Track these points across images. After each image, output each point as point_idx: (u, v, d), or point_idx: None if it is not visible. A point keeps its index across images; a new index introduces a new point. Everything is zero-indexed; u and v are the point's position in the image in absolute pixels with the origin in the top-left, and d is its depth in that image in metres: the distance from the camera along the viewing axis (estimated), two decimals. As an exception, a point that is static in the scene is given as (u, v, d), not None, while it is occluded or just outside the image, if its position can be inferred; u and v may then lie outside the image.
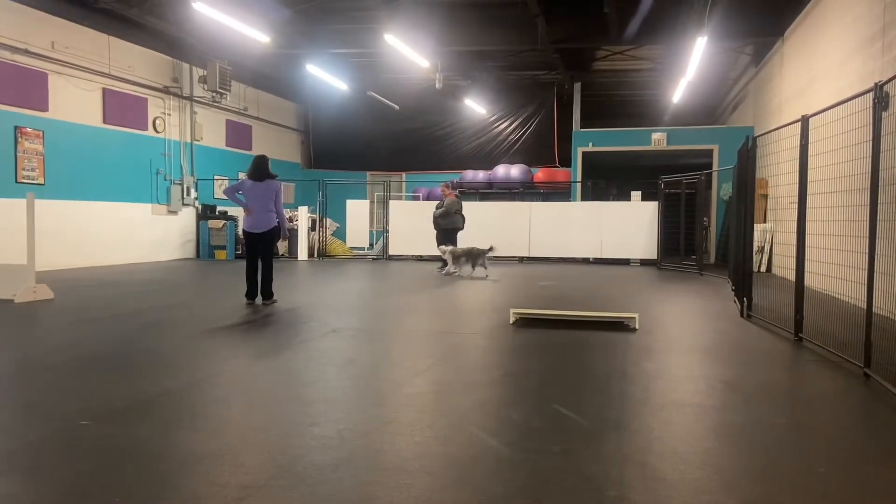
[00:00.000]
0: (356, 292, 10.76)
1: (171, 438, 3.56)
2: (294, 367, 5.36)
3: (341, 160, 22.27)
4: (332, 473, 3.06)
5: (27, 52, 12.16)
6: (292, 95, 21.54)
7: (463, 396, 4.49)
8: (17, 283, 8.39)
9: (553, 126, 20.95)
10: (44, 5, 12.43)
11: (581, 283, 12.31)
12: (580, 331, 6.84)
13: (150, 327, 7.01)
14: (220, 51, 16.00)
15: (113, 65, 14.15)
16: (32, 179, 12.31)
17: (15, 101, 12.00)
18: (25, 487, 2.91)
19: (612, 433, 3.71)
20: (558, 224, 16.66)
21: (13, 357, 5.61)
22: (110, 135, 14.24)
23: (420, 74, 18.20)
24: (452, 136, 22.24)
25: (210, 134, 17.63)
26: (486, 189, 20.62)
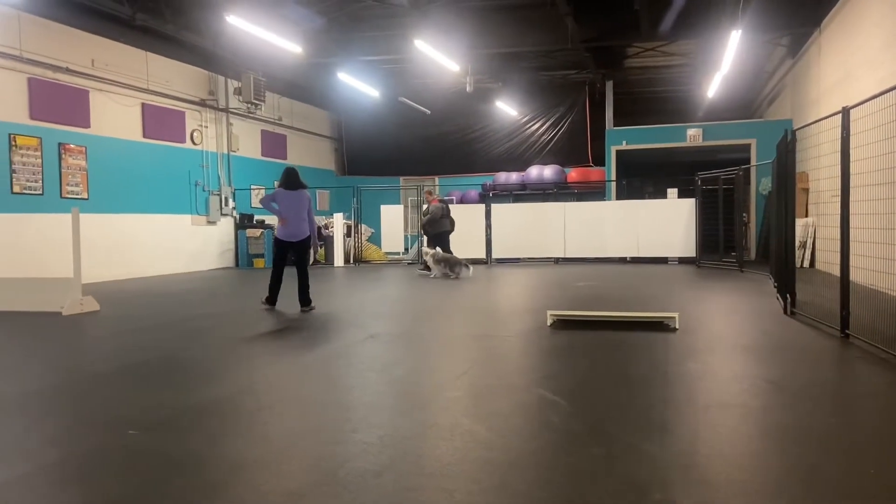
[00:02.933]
0: (392, 297, 10.81)
1: (217, 446, 3.62)
2: (334, 372, 5.41)
3: (374, 166, 22.43)
4: (374, 479, 3.09)
5: (69, 71, 12.52)
6: (325, 104, 21.78)
7: (502, 400, 4.48)
8: (64, 296, 8.63)
9: (585, 125, 20.80)
10: (83, 24, 12.79)
11: (618, 283, 12.18)
12: (619, 332, 6.77)
13: (192, 336, 7.15)
14: (253, 63, 16.26)
15: (151, 80, 14.49)
16: (77, 194, 12.66)
17: (58, 119, 12.36)
18: (77, 497, 2.99)
19: (656, 435, 3.66)
20: (593, 224, 16.52)
21: (63, 368, 5.77)
22: (150, 148, 14.58)
23: (450, 78, 18.25)
24: (484, 139, 22.23)
25: (246, 144, 17.92)
26: (520, 191, 20.56)
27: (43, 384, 5.10)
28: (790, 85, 17.31)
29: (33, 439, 3.81)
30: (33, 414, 4.35)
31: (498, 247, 16.96)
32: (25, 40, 11.68)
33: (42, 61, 11.99)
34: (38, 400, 4.66)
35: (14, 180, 11.50)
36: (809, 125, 8.30)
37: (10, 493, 3.01)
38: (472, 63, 16.75)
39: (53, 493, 3.06)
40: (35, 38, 11.88)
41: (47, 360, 6.08)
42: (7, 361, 6.09)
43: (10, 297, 8.93)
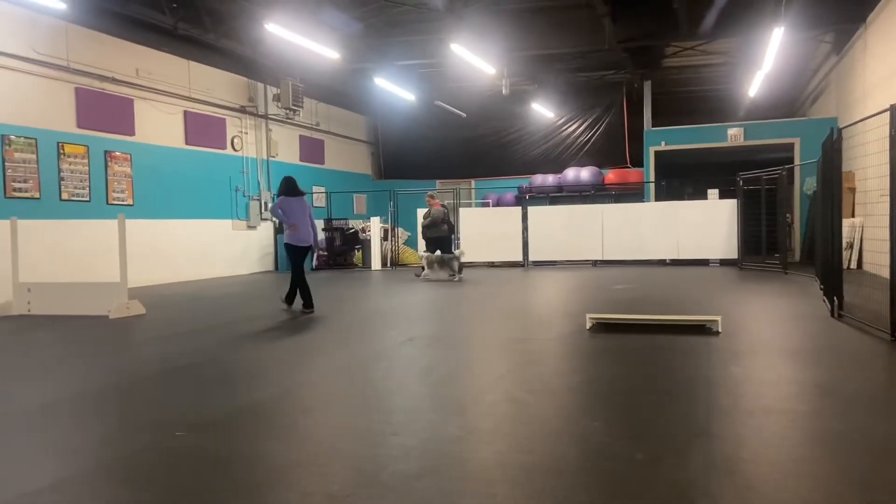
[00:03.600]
0: (430, 300, 10.84)
1: (260, 448, 3.68)
2: (374, 376, 5.45)
3: (411, 170, 22.52)
4: (416, 483, 3.10)
5: (114, 80, 12.86)
6: (361, 108, 21.96)
7: (542, 404, 4.46)
8: (111, 300, 8.86)
9: (623, 126, 20.59)
10: (128, 34, 13.13)
11: (658, 285, 12.02)
12: (660, 335, 6.68)
13: (234, 339, 7.27)
14: (292, 69, 16.49)
15: (193, 88, 14.80)
16: (122, 201, 12.99)
17: (104, 127, 12.71)
18: (127, 497, 3.06)
19: (699, 440, 3.60)
20: (632, 226, 16.33)
21: (111, 370, 5.92)
22: (192, 155, 14.88)
23: (486, 81, 18.24)
24: (520, 141, 22.16)
25: (285, 150, 18.17)
26: (556, 193, 20.44)
27: (93, 386, 5.24)
28: (834, 82, 16.88)
29: (86, 440, 3.92)
30: (85, 415, 4.47)
31: (535, 249, 16.89)
32: (73, 51, 12.04)
33: (88, 71, 12.34)
34: (89, 401, 4.79)
35: (62, 187, 11.86)
36: (856, 123, 8.09)
37: (65, 492, 3.10)
38: (508, 65, 16.72)
39: (105, 491, 3.14)
40: (82, 48, 12.24)
41: (97, 363, 6.25)
42: (59, 364, 6.27)
43: (59, 301, 9.21)
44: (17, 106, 11.11)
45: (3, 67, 10.89)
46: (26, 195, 11.20)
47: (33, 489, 3.10)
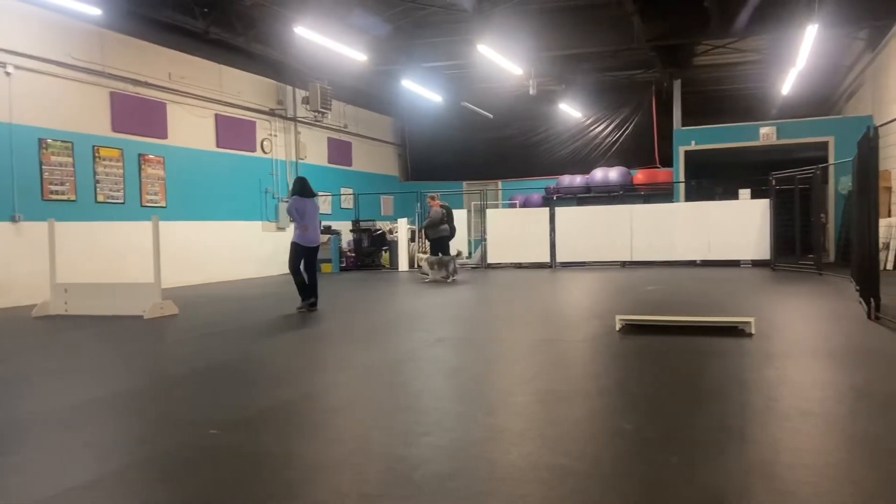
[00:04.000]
0: (457, 301, 10.85)
1: (293, 447, 3.72)
2: (403, 376, 5.47)
3: (437, 171, 22.56)
4: (448, 483, 3.11)
5: (147, 84, 13.10)
6: (388, 110, 22.06)
7: (573, 405, 4.44)
8: (145, 300, 9.02)
9: (652, 126, 20.39)
10: (161, 39, 13.36)
11: (689, 286, 11.89)
12: (691, 337, 6.60)
13: (265, 339, 7.35)
14: (320, 72, 16.63)
15: (224, 91, 15.01)
16: (155, 203, 13.22)
17: (138, 131, 12.94)
18: (164, 494, 3.12)
19: (734, 444, 3.56)
20: (661, 226, 16.17)
21: (146, 369, 6.03)
22: (223, 158, 15.09)
23: (514, 82, 18.21)
24: (547, 142, 22.08)
25: (313, 152, 18.33)
26: (584, 193, 20.32)
27: (129, 385, 5.34)
28: (870, 80, 16.54)
29: (123, 437, 4.00)
30: (122, 414, 4.56)
31: (562, 250, 16.81)
32: (108, 56, 12.29)
33: (123, 76, 12.58)
34: (126, 400, 4.88)
35: (98, 190, 12.10)
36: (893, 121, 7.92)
37: (105, 488, 3.16)
38: (536, 66, 16.68)
39: (143, 488, 3.20)
40: (116, 53, 12.49)
41: (133, 363, 6.36)
42: (96, 364, 6.40)
43: (95, 301, 9.39)
44: (54, 110, 11.37)
45: (41, 73, 11.16)
46: (63, 197, 11.46)
47: (75, 485, 3.17)
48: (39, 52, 11.12)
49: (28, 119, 10.93)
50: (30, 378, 5.70)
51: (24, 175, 10.86)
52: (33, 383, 5.48)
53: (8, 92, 10.65)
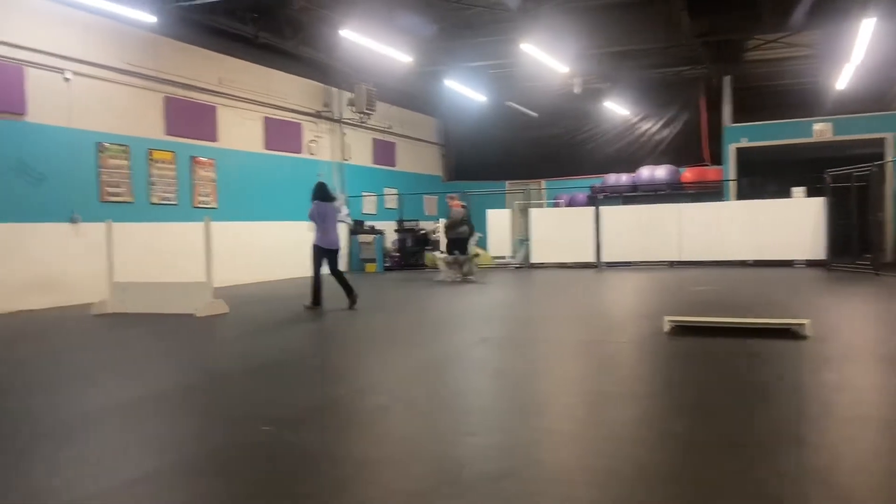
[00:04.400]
0: (501, 302, 10.83)
1: (343, 444, 3.77)
2: (449, 376, 5.50)
3: (481, 171, 22.52)
4: (497, 483, 3.11)
5: (199, 89, 13.43)
6: (432, 110, 22.14)
7: (622, 407, 4.39)
8: (197, 299, 9.24)
9: (701, 123, 20.00)
10: (211, 44, 13.68)
11: (740, 287, 11.63)
12: (743, 339, 6.45)
13: (313, 337, 7.47)
14: (365, 74, 16.78)
15: (272, 94, 15.29)
16: (207, 204, 13.54)
17: (190, 134, 13.28)
18: (219, 487, 3.20)
19: (790, 448, 3.47)
20: (711, 225, 15.84)
21: (200, 367, 6.19)
22: (271, 159, 15.36)
23: (558, 80, 18.07)
24: (593, 141, 21.84)
25: (358, 153, 18.52)
26: (631, 192, 20.04)
27: (184, 381, 5.49)
28: (932, 72, 15.90)
29: (178, 433, 4.11)
30: (176, 410, 4.69)
31: (608, 250, 16.61)
32: (161, 61, 12.63)
33: (175, 80, 12.92)
34: (180, 396, 5.02)
35: (152, 192, 12.45)
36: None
37: (160, 482, 3.26)
38: (581, 64, 16.52)
39: (199, 481, 3.29)
40: (170, 59, 12.83)
41: (187, 360, 6.54)
42: (151, 360, 6.59)
43: (150, 299, 9.66)
44: (110, 115, 11.74)
45: (98, 78, 11.53)
46: (120, 199, 11.82)
47: (132, 478, 3.27)
48: (97, 58, 11.49)
49: (86, 124, 11.31)
50: (90, 374, 5.91)
51: (83, 178, 11.24)
52: (94, 379, 5.68)
53: (67, 98, 11.03)
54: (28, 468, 3.45)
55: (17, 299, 10.16)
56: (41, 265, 10.53)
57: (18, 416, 4.45)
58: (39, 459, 3.59)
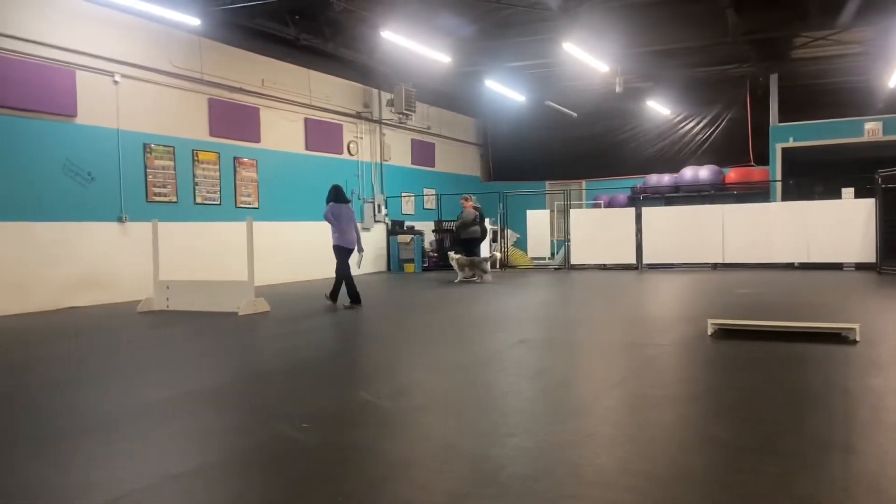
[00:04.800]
0: (540, 303, 10.76)
1: (381, 443, 3.79)
2: (487, 377, 5.48)
3: (520, 171, 22.43)
4: (535, 485, 3.09)
5: (241, 91, 13.66)
6: (471, 111, 22.14)
7: (663, 411, 4.32)
8: (239, 298, 9.40)
9: (746, 122, 19.56)
10: (254, 47, 13.91)
11: (786, 290, 11.35)
12: (789, 343, 6.29)
13: (352, 337, 7.53)
14: (405, 75, 16.87)
15: (313, 96, 15.47)
16: (249, 204, 13.77)
17: (233, 135, 13.52)
18: (260, 482, 3.24)
19: (837, 455, 3.37)
20: (756, 227, 15.48)
21: (242, 364, 6.29)
22: (311, 160, 15.54)
23: (599, 80, 17.88)
24: (634, 140, 21.56)
25: (397, 153, 18.62)
26: (673, 193, 19.72)
27: (226, 379, 5.59)
28: None
29: (222, 428, 4.18)
30: (221, 406, 4.77)
31: (649, 251, 16.37)
32: (206, 64, 12.89)
33: (220, 83, 13.17)
34: (223, 393, 5.11)
35: (196, 192, 12.72)
36: None
37: (203, 478, 3.32)
38: (623, 63, 16.32)
39: (242, 476, 3.34)
40: (214, 62, 13.08)
41: (229, 357, 6.65)
42: (195, 357, 6.73)
43: (194, 297, 9.87)
44: (157, 116, 12.03)
45: (145, 81, 11.82)
46: (165, 199, 12.10)
47: (179, 472, 3.34)
48: (144, 61, 11.78)
49: (133, 125, 11.60)
50: (136, 370, 6.06)
51: (130, 178, 11.54)
52: (139, 375, 5.81)
53: (115, 100, 11.34)
54: (75, 462, 3.55)
55: (67, 296, 10.48)
56: (89, 263, 10.84)
57: (66, 411, 4.59)
58: (86, 454, 3.69)
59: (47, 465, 3.48)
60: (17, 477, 3.31)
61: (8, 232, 9.83)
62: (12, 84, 9.82)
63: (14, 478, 3.30)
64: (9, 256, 9.82)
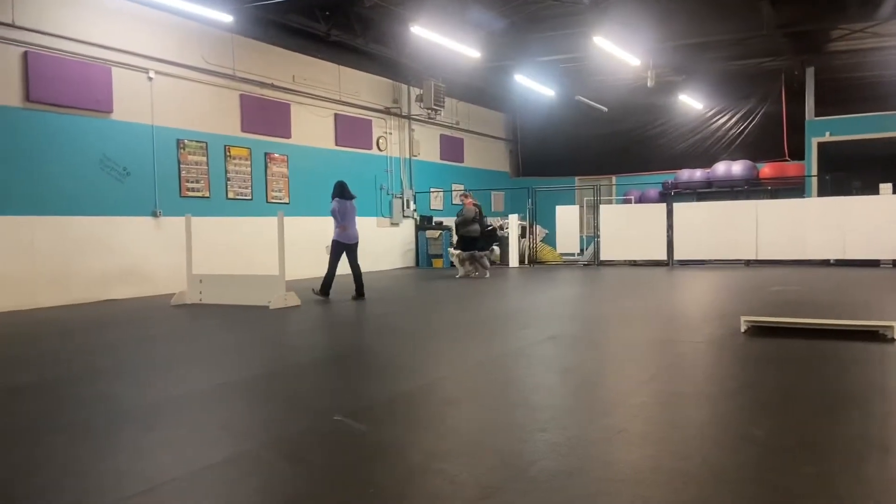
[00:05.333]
0: (569, 299, 10.71)
1: (412, 436, 3.81)
2: (516, 373, 5.47)
3: (549, 166, 22.32)
4: (566, 480, 3.08)
5: (273, 87, 13.79)
6: (500, 106, 22.07)
7: (695, 409, 4.28)
8: (271, 292, 9.50)
9: (781, 116, 19.22)
10: (285, 43, 14.03)
11: (821, 287, 11.14)
12: (825, 341, 6.17)
13: (381, 332, 7.57)
14: (434, 70, 16.88)
15: (343, 92, 15.56)
16: (279, 199, 13.91)
17: (265, 131, 13.66)
18: (294, 472, 3.28)
19: (874, 454, 3.31)
20: (791, 223, 15.21)
21: (273, 357, 6.37)
22: (341, 156, 15.64)
23: (630, 74, 17.71)
24: (665, 135, 21.31)
25: (426, 149, 18.64)
26: (705, 188, 19.46)
27: (258, 371, 5.67)
28: None
29: (255, 420, 4.25)
30: (253, 398, 4.84)
31: (680, 248, 16.18)
32: (238, 60, 13.03)
33: (251, 79, 13.31)
34: (256, 385, 5.18)
35: (229, 187, 12.88)
36: None
37: (239, 467, 3.38)
38: (654, 57, 16.14)
39: (275, 466, 3.38)
40: (245, 58, 13.22)
41: (261, 350, 6.74)
42: (227, 350, 6.83)
43: (226, 291, 10.00)
44: (190, 112, 12.21)
45: (178, 77, 12.00)
46: (198, 194, 12.28)
47: (214, 461, 3.40)
48: (177, 57, 11.96)
49: (167, 121, 11.79)
50: (171, 362, 6.17)
51: (164, 173, 11.73)
52: (174, 367, 5.92)
53: (150, 96, 11.53)
54: (115, 450, 3.63)
55: (103, 289, 10.70)
56: (125, 257, 11.06)
57: (104, 401, 4.69)
58: (125, 442, 3.78)
59: (88, 452, 3.56)
60: (61, 463, 3.40)
61: (49, 225, 10.07)
62: (52, 81, 10.04)
63: (57, 463, 3.39)
64: (50, 250, 10.06)
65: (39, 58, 9.93)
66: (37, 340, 7.43)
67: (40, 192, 9.97)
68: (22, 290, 9.72)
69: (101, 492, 3.04)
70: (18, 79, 9.75)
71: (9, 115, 9.64)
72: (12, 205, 9.66)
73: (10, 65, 9.68)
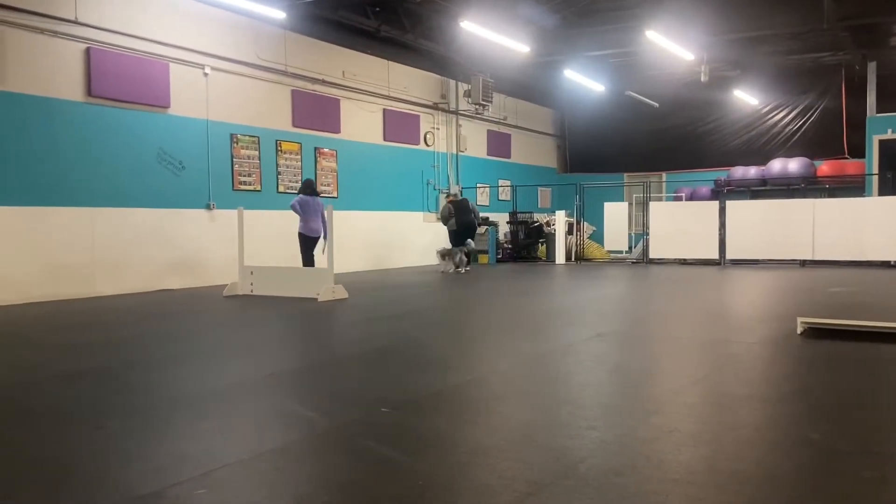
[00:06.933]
0: (617, 296, 10.57)
1: (459, 430, 3.81)
2: (564, 369, 5.43)
3: (597, 163, 22.06)
4: (615, 478, 3.04)
5: (323, 82, 13.96)
6: (548, 101, 21.89)
7: (749, 410, 4.18)
8: (319, 284, 9.64)
9: (840, 113, 18.59)
10: (336, 39, 14.19)
11: (882, 289, 10.75)
12: (888, 345, 5.96)
13: (428, 325, 7.60)
14: (482, 65, 16.84)
15: (391, 87, 15.65)
16: (328, 194, 14.08)
17: (315, 126, 13.85)
18: (343, 463, 3.33)
19: (943, 465, 3.18)
20: (849, 223, 14.71)
21: (322, 348, 6.46)
22: (389, 151, 15.75)
23: (683, 69, 17.36)
24: (718, 132, 20.84)
25: (473, 144, 18.62)
26: (759, 186, 18.96)
27: (307, 362, 5.76)
28: None
29: (305, 410, 4.31)
30: (302, 388, 4.92)
31: (733, 247, 15.81)
32: (290, 56, 13.23)
33: (302, 74, 13.50)
34: (305, 375, 5.27)
35: (279, 181, 13.10)
36: None
37: (291, 454, 3.44)
38: (708, 51, 15.78)
39: (325, 456, 3.44)
40: (297, 54, 13.42)
41: (310, 342, 6.85)
42: (277, 341, 6.96)
43: (276, 283, 10.18)
44: (244, 107, 12.45)
45: (232, 73, 12.25)
46: (250, 188, 12.53)
47: (266, 450, 3.47)
48: (232, 54, 12.20)
49: (221, 116, 12.05)
50: (223, 351, 6.31)
51: (218, 167, 12.00)
52: (226, 356, 6.06)
53: (205, 91, 11.80)
54: (169, 436, 3.73)
55: (158, 279, 11.01)
56: (179, 248, 11.35)
57: (160, 388, 4.83)
58: (181, 428, 3.88)
59: (142, 437, 3.67)
60: (115, 447, 3.51)
61: (109, 217, 10.41)
62: (112, 76, 10.36)
63: (111, 448, 3.51)
64: (110, 240, 10.41)
65: (101, 54, 10.26)
66: (96, 328, 7.69)
67: (100, 185, 10.31)
68: (82, 279, 10.08)
69: (161, 474, 3.13)
70: (81, 74, 10.09)
71: (71, 109, 9.99)
72: (74, 196, 10.01)
73: (73, 60, 10.02)
